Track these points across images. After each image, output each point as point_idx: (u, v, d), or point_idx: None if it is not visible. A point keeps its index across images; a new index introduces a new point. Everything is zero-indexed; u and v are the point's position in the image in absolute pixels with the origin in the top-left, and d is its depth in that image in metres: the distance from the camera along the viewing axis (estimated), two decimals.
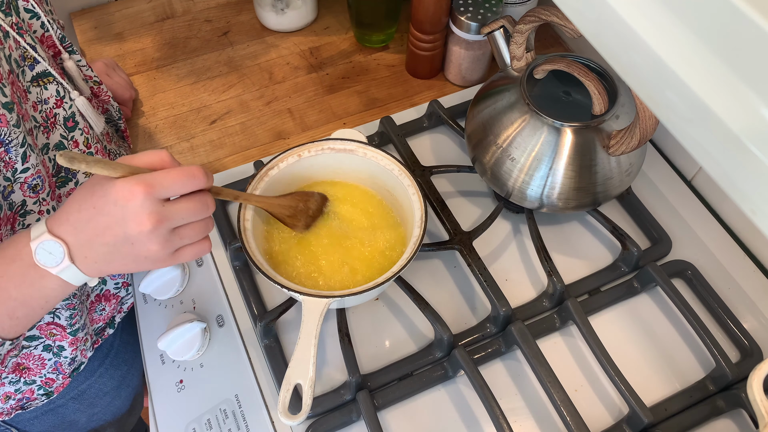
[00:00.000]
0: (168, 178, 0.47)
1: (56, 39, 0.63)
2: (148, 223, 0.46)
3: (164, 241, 0.48)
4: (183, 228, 0.49)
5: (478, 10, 0.81)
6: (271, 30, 0.97)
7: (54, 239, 0.47)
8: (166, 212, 0.47)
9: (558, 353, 0.67)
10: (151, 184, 0.46)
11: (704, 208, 0.77)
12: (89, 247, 0.48)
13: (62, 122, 0.61)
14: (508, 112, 0.68)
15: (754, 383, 0.56)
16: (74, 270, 0.48)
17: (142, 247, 0.48)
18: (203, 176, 0.49)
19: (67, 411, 0.76)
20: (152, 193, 0.46)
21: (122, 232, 0.46)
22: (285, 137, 0.86)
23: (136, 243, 0.47)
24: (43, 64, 0.58)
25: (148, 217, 0.46)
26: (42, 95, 0.59)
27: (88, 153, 0.65)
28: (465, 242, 0.71)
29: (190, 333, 0.65)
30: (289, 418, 0.53)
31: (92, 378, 0.76)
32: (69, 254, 0.48)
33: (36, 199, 0.57)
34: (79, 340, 0.68)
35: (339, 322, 0.66)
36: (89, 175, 0.67)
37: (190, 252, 0.51)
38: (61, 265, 0.48)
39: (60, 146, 0.61)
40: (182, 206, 0.48)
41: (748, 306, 0.70)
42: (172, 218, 0.48)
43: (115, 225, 0.46)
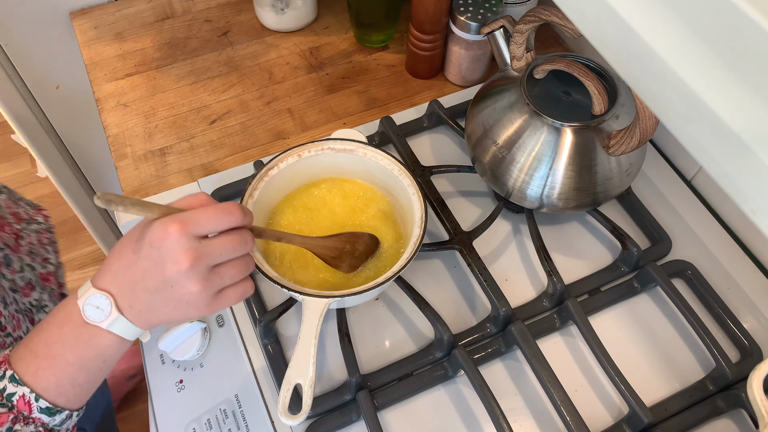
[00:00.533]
0: (203, 215, 0.46)
1: None
2: (185, 261, 0.45)
3: (204, 280, 0.46)
4: (223, 267, 0.48)
5: (478, 10, 0.81)
6: (271, 30, 0.97)
7: (99, 292, 0.47)
8: (203, 248, 0.46)
9: (558, 353, 0.67)
10: (185, 221, 0.45)
11: (704, 208, 0.77)
12: (133, 295, 0.47)
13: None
14: (508, 112, 0.68)
15: (754, 383, 0.56)
16: (124, 321, 0.48)
17: (182, 289, 0.46)
18: (239, 212, 0.47)
19: None
20: (187, 231, 0.45)
21: (161, 274, 0.45)
22: (285, 137, 0.86)
23: (176, 285, 0.46)
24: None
25: (185, 254, 0.45)
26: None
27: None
28: (465, 242, 0.71)
29: (190, 333, 0.65)
30: (289, 418, 0.53)
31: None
32: (116, 305, 0.47)
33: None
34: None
35: (339, 322, 0.66)
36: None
37: (234, 294, 0.49)
38: (110, 317, 0.47)
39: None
40: (219, 242, 0.47)
41: (748, 306, 0.70)
42: (210, 254, 0.46)
43: (153, 268, 0.45)
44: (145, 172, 0.82)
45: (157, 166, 0.83)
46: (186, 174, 0.82)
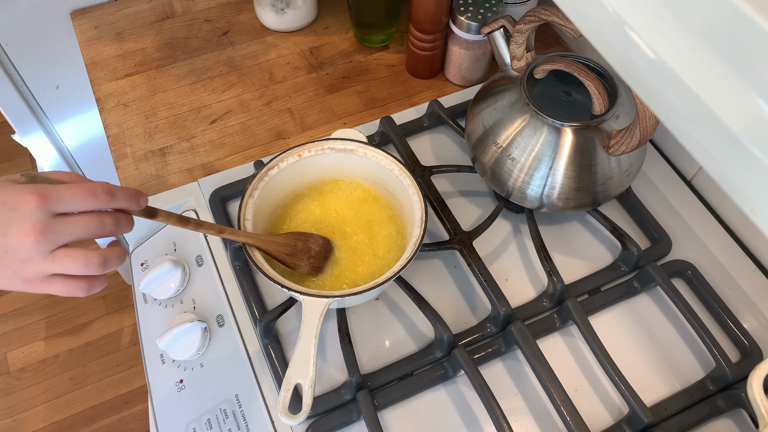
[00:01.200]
0: (67, 192, 0.44)
1: None
2: (32, 234, 0.43)
3: (41, 259, 0.44)
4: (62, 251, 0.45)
5: (478, 10, 0.81)
6: (271, 30, 0.97)
7: None
8: (53, 225, 0.43)
9: (558, 353, 0.67)
10: (47, 195, 0.43)
11: (704, 208, 0.77)
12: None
13: None
14: (508, 112, 0.68)
15: (754, 383, 0.56)
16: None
17: (14, 257, 0.44)
18: (104, 196, 0.45)
19: None
20: (45, 204, 0.43)
21: (1, 236, 0.43)
22: (285, 137, 0.86)
23: (10, 252, 0.43)
24: None
25: (33, 226, 0.43)
26: None
27: None
28: (465, 242, 0.71)
29: (190, 333, 0.65)
30: (290, 418, 0.53)
31: None
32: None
33: None
34: None
35: (339, 322, 0.66)
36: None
37: (60, 286, 0.46)
38: None
39: None
40: (74, 221, 0.45)
41: (748, 306, 0.70)
42: (59, 233, 0.44)
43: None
44: (146, 172, 0.82)
45: (157, 165, 0.83)
46: (186, 174, 0.82)
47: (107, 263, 0.47)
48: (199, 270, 0.73)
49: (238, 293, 0.71)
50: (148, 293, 0.71)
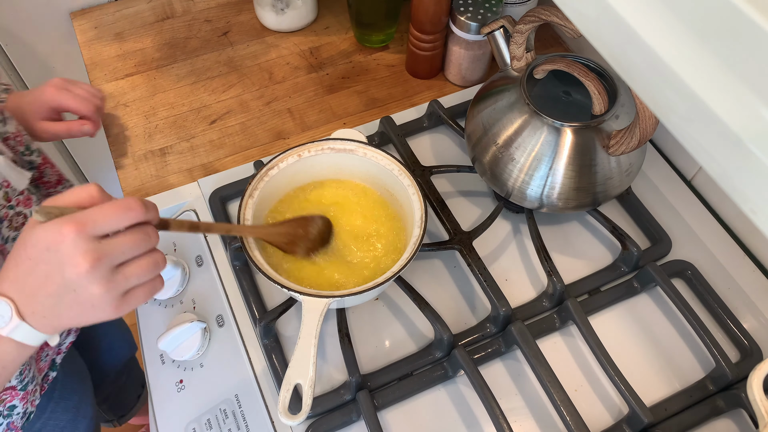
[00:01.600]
0: (100, 213, 0.43)
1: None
2: (84, 263, 0.42)
3: (107, 282, 0.44)
4: (127, 266, 0.45)
5: (478, 10, 0.81)
6: (271, 30, 0.97)
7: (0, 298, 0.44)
8: (102, 249, 0.43)
9: (558, 353, 0.67)
10: (81, 221, 0.42)
11: (704, 208, 0.77)
12: (35, 301, 0.44)
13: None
14: (508, 112, 0.68)
15: (754, 383, 0.56)
16: (26, 328, 0.45)
17: (85, 292, 0.43)
18: (140, 207, 0.45)
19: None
20: (84, 231, 0.42)
21: (61, 278, 0.43)
22: (285, 137, 0.86)
23: (78, 288, 0.43)
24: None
25: (83, 256, 0.42)
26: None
27: (8, 207, 0.61)
28: (465, 242, 0.71)
29: (190, 333, 0.65)
30: (289, 418, 0.53)
31: (44, 416, 0.73)
32: (17, 311, 0.44)
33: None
34: (29, 393, 0.65)
35: (339, 322, 0.66)
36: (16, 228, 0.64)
37: (142, 293, 0.47)
38: (11, 324, 0.44)
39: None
40: (120, 240, 0.44)
41: (748, 306, 0.70)
42: (111, 254, 0.43)
43: (53, 272, 0.43)
44: (146, 172, 0.82)
45: (157, 166, 0.83)
46: (186, 174, 0.82)
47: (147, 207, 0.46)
48: (199, 270, 0.73)
49: (238, 293, 0.71)
50: None
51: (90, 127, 0.78)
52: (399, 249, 0.67)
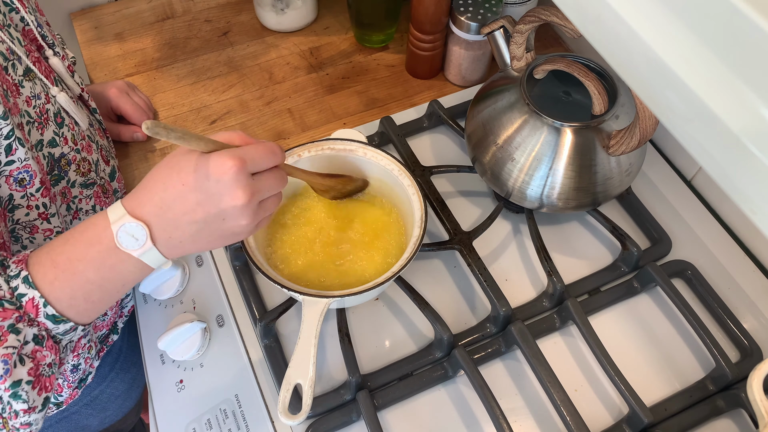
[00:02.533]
0: (257, 152, 0.48)
1: (37, 34, 0.61)
2: (243, 197, 0.47)
3: (253, 215, 0.49)
4: (266, 201, 0.51)
5: (478, 10, 0.81)
6: (271, 30, 0.97)
7: (136, 222, 0.47)
8: (257, 185, 0.48)
9: (558, 353, 0.67)
10: (243, 158, 0.46)
11: (704, 208, 0.77)
12: (175, 227, 0.48)
13: (53, 118, 0.60)
14: (508, 112, 0.68)
15: (754, 383, 0.56)
16: (155, 252, 0.48)
17: (233, 221, 0.48)
18: (281, 153, 0.50)
19: (80, 417, 0.75)
20: (245, 168, 0.46)
21: (215, 206, 0.47)
22: (285, 137, 0.86)
23: (228, 218, 0.48)
24: (24, 61, 0.56)
25: (243, 190, 0.46)
26: (34, 90, 0.57)
27: (75, 150, 0.63)
28: (465, 242, 0.71)
29: (190, 333, 0.65)
30: (289, 418, 0.53)
31: (104, 384, 0.76)
32: (151, 236, 0.47)
33: (23, 193, 0.56)
34: (82, 347, 0.67)
35: (339, 322, 0.66)
36: (83, 174, 0.65)
37: (266, 221, 0.53)
38: (144, 247, 0.47)
39: (52, 143, 0.60)
40: (268, 181, 0.49)
41: (748, 306, 0.70)
42: (262, 191, 0.49)
43: (207, 201, 0.46)
44: (145, 172, 0.82)
45: None
46: None
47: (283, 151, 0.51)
48: (199, 270, 0.73)
49: (238, 293, 0.71)
50: (148, 293, 0.71)
51: (141, 135, 0.83)
52: (399, 249, 0.67)
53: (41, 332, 0.49)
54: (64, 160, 0.61)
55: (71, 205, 0.64)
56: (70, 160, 0.63)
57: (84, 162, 0.65)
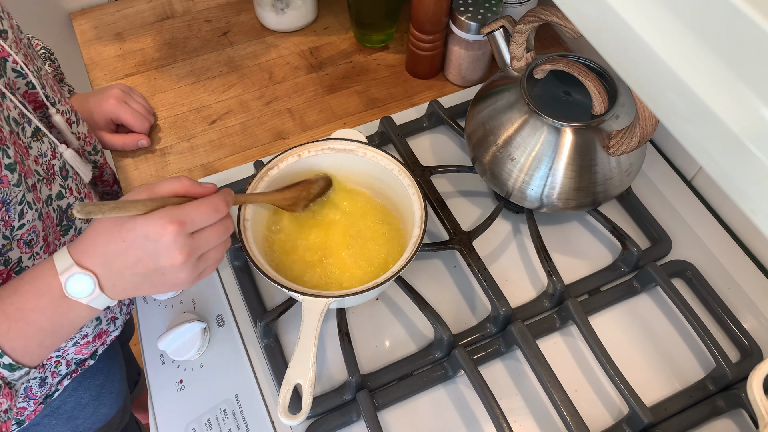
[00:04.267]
0: (197, 213, 0.50)
1: (42, 96, 0.63)
2: (179, 257, 0.49)
3: (192, 269, 0.51)
4: (208, 253, 0.52)
5: (478, 10, 0.81)
6: (271, 30, 0.97)
7: (84, 272, 0.49)
8: (195, 244, 0.50)
9: (558, 353, 0.67)
10: (182, 220, 0.48)
11: (704, 208, 0.77)
12: (119, 277, 0.50)
13: (58, 172, 0.63)
14: (508, 112, 0.68)
15: (754, 383, 0.56)
16: (103, 298, 0.50)
17: (172, 276, 0.50)
18: (225, 207, 0.52)
19: (43, 429, 0.74)
20: (183, 230, 0.48)
21: (154, 264, 0.49)
22: (285, 137, 0.86)
23: (167, 273, 0.50)
24: (34, 122, 0.59)
25: (180, 251, 0.49)
26: (42, 149, 0.60)
27: (80, 199, 0.66)
28: (465, 242, 0.71)
29: (190, 333, 0.65)
30: (289, 418, 0.53)
31: (64, 394, 0.74)
32: (99, 285, 0.49)
33: (30, 254, 0.58)
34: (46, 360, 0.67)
35: (339, 322, 0.66)
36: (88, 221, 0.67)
37: (212, 269, 0.54)
38: (92, 295, 0.50)
39: (60, 196, 0.62)
40: (208, 236, 0.51)
41: (748, 306, 0.70)
42: (200, 248, 0.51)
43: (146, 258, 0.49)
44: (145, 172, 0.82)
45: (157, 166, 0.83)
46: (186, 174, 0.82)
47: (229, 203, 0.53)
48: None
49: (238, 293, 0.71)
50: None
51: (146, 141, 0.84)
52: (399, 249, 0.67)
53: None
54: (71, 210, 0.64)
55: None
56: None
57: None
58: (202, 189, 0.53)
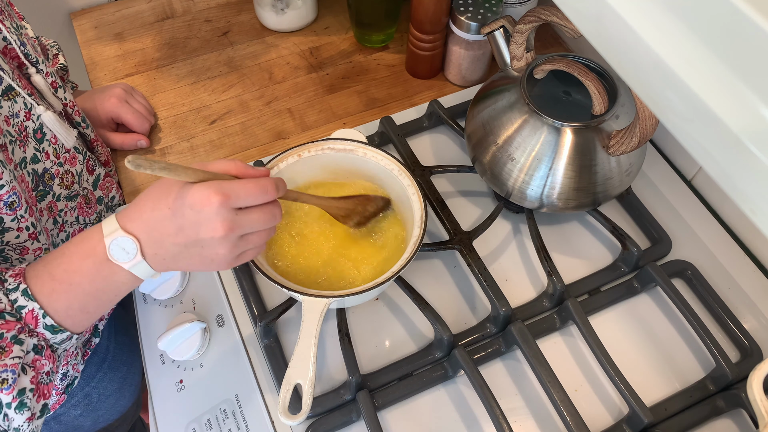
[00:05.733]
0: (244, 189, 0.49)
1: (19, 53, 0.61)
2: (221, 230, 0.48)
3: (232, 247, 0.50)
4: (250, 235, 0.52)
5: (478, 10, 0.81)
6: (271, 30, 0.97)
7: (127, 236, 0.49)
8: (239, 221, 0.49)
9: (558, 353, 0.67)
10: (227, 193, 0.48)
11: (704, 208, 0.77)
12: (160, 245, 0.50)
13: (32, 134, 0.61)
14: (508, 112, 0.68)
15: (754, 383, 0.56)
16: (144, 265, 0.51)
17: (211, 250, 0.50)
18: (275, 191, 0.51)
19: (69, 418, 0.76)
20: (227, 203, 0.48)
21: (195, 235, 0.49)
22: (285, 137, 0.86)
23: (206, 246, 0.50)
24: (6, 80, 0.57)
25: (222, 224, 0.48)
26: (13, 109, 0.58)
27: (58, 164, 0.64)
28: (465, 242, 0.71)
29: (190, 333, 0.65)
30: (289, 418, 0.53)
31: (91, 384, 0.76)
32: (141, 250, 0.50)
33: (14, 216, 0.57)
34: (69, 355, 0.68)
35: (339, 322, 0.66)
36: (67, 187, 0.65)
37: (251, 254, 0.54)
38: (134, 260, 0.50)
39: (34, 159, 0.61)
40: (253, 217, 0.51)
41: (748, 306, 0.70)
42: (243, 227, 0.50)
43: (188, 228, 0.49)
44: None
45: None
46: None
47: (279, 189, 0.52)
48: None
49: (238, 293, 0.71)
50: (148, 293, 0.71)
51: (145, 142, 0.84)
52: (399, 249, 0.67)
53: (40, 342, 0.52)
54: (48, 175, 0.63)
55: (57, 218, 0.65)
56: (54, 174, 0.64)
57: (67, 174, 0.66)
58: (255, 171, 0.52)
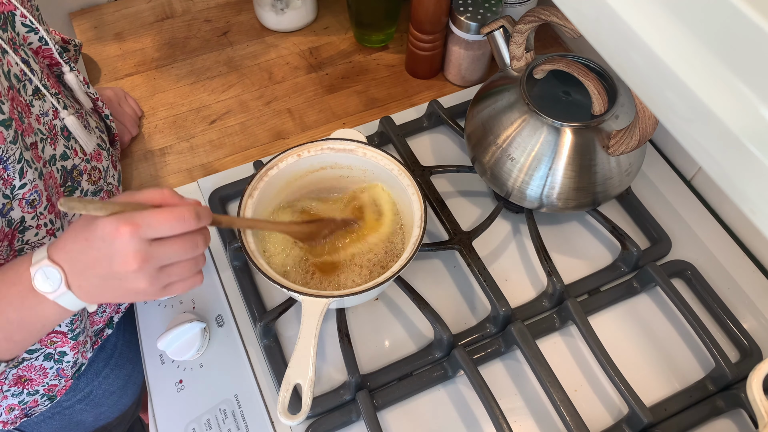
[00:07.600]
0: (156, 219, 0.46)
1: (55, 53, 0.62)
2: (133, 263, 0.46)
3: (152, 279, 0.48)
4: (172, 266, 0.49)
5: (478, 10, 0.81)
6: (270, 30, 0.97)
7: (52, 265, 0.48)
8: (152, 252, 0.47)
9: (558, 353, 0.67)
10: (138, 223, 0.46)
11: (704, 208, 0.77)
12: (83, 277, 0.48)
13: (61, 132, 0.62)
14: (507, 112, 0.68)
15: (753, 383, 0.56)
16: (71, 296, 0.49)
17: (130, 283, 0.48)
18: (192, 219, 0.48)
19: (73, 413, 0.76)
20: (138, 233, 0.46)
21: (108, 267, 0.47)
22: (285, 137, 0.86)
23: (123, 279, 0.48)
24: (34, 81, 0.58)
25: (134, 256, 0.46)
26: (43, 108, 0.59)
27: (85, 160, 0.65)
28: (465, 242, 0.71)
29: (189, 333, 0.65)
30: (289, 418, 0.53)
31: (98, 379, 0.77)
32: (66, 281, 0.48)
33: (33, 213, 0.57)
34: (80, 344, 0.68)
35: (339, 322, 0.66)
36: (94, 183, 0.68)
37: (181, 287, 0.51)
38: (58, 291, 0.48)
39: (64, 156, 0.62)
40: (170, 248, 0.48)
41: (748, 306, 0.70)
42: (159, 258, 0.47)
43: (103, 259, 0.47)
44: (145, 172, 0.82)
45: (156, 166, 0.83)
46: (185, 174, 0.82)
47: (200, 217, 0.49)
48: None
49: (237, 293, 0.71)
50: None
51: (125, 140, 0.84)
52: (399, 249, 0.67)
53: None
54: (76, 171, 0.64)
55: None
56: (82, 170, 0.65)
57: (95, 171, 0.68)
58: (178, 200, 0.49)
